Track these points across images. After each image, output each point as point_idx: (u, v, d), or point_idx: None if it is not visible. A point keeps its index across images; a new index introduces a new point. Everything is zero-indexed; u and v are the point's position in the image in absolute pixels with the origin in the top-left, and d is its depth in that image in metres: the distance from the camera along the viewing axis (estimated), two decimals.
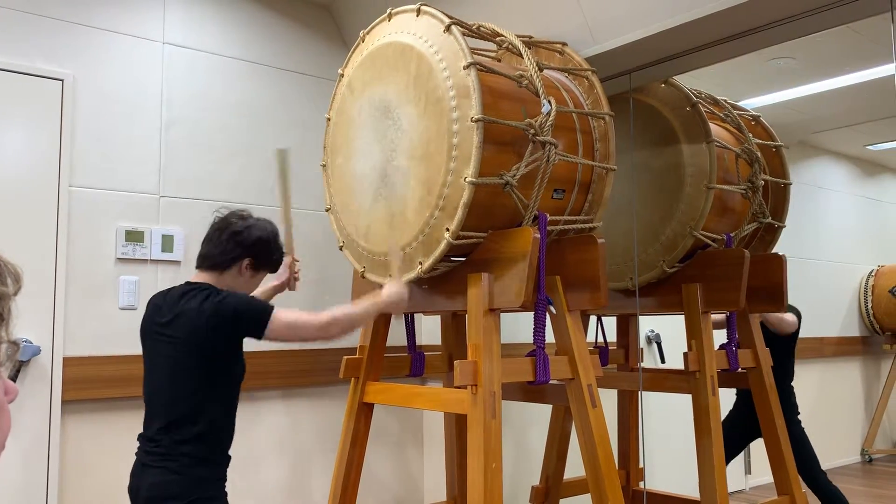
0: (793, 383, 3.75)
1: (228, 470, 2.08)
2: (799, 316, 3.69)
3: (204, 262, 2.10)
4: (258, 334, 1.98)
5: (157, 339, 2.02)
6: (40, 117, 2.82)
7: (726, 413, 3.86)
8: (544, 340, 2.34)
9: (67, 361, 2.81)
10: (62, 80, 2.87)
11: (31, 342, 2.72)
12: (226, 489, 2.06)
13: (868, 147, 3.68)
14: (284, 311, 2.00)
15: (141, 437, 2.03)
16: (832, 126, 3.66)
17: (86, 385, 2.83)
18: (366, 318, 2.17)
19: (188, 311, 1.96)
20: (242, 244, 2.09)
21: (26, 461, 2.70)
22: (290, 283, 2.57)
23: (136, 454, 2.02)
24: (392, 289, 2.24)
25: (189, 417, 1.95)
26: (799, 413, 3.67)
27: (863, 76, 3.11)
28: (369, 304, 2.16)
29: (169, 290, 2.09)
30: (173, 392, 1.97)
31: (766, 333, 3.63)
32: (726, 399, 3.24)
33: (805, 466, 3.54)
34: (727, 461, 3.79)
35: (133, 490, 1.99)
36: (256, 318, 1.97)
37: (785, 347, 3.69)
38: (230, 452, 2.09)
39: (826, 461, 3.61)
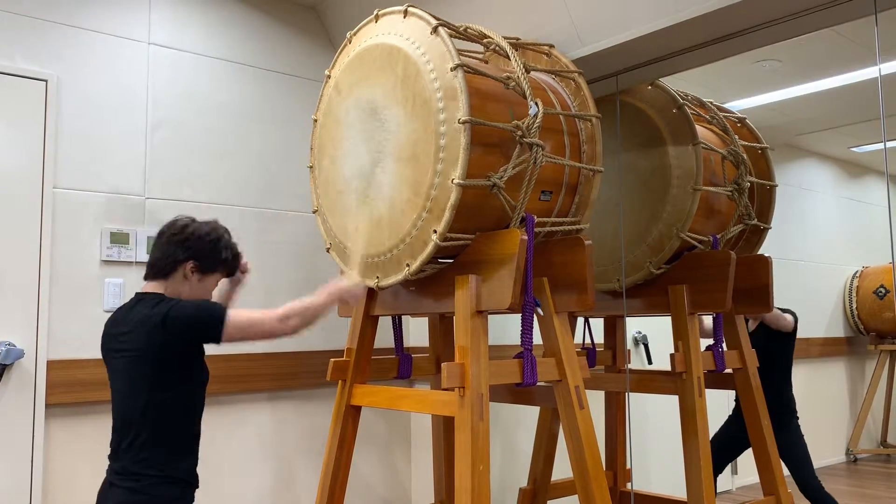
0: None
1: (216, 474, 2.05)
2: (795, 318, 3.71)
3: (150, 270, 2.03)
4: (215, 338, 1.92)
5: (114, 355, 1.96)
6: (24, 118, 2.79)
7: (713, 413, 3.88)
8: (532, 342, 2.34)
9: (51, 365, 2.78)
10: (46, 81, 2.85)
11: (14, 345, 2.69)
12: None
13: (852, 149, 3.71)
14: (238, 312, 1.94)
15: (109, 457, 1.97)
16: (817, 128, 3.68)
17: (70, 388, 2.81)
18: (326, 308, 2.09)
19: (139, 322, 1.90)
20: (181, 246, 2.01)
21: (10, 466, 2.67)
22: (238, 277, 2.36)
23: (107, 472, 1.97)
24: (353, 280, 2.27)
25: (150, 432, 1.90)
26: (798, 417, 3.68)
27: (847, 79, 3.13)
28: (329, 293, 2.12)
29: (121, 307, 2.03)
30: (133, 407, 1.90)
31: (766, 337, 3.65)
32: (713, 400, 3.25)
33: (800, 472, 3.55)
34: (718, 471, 3.81)
35: None
36: (209, 322, 1.90)
37: (788, 350, 3.71)
38: (198, 472, 2.04)
39: (812, 461, 3.63)
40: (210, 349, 3.11)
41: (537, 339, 2.38)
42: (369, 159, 2.39)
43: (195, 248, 2.03)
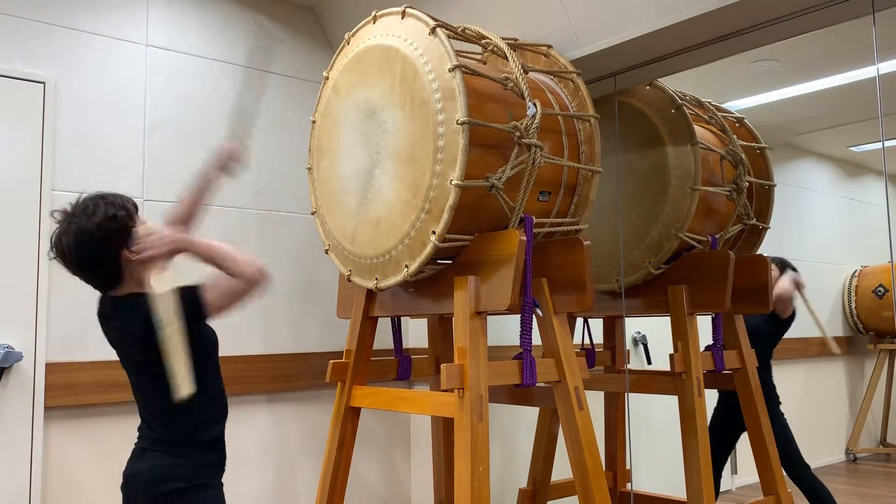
0: (774, 381, 3.80)
1: None
2: (794, 312, 3.73)
3: (104, 288, 1.95)
4: (203, 318, 1.92)
5: (127, 350, 1.96)
6: (22, 120, 2.79)
7: (712, 413, 3.88)
8: (531, 343, 2.34)
9: (50, 367, 2.78)
10: (44, 83, 2.85)
11: (12, 348, 2.69)
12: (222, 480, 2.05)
13: (851, 148, 3.71)
14: (209, 286, 1.90)
15: (140, 426, 2.02)
16: (815, 127, 3.68)
17: (69, 391, 2.81)
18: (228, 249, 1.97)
19: (133, 322, 1.90)
20: (102, 254, 1.86)
21: (9, 468, 2.67)
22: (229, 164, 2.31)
23: (136, 443, 2.01)
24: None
25: (188, 403, 1.92)
26: (780, 403, 3.71)
27: (845, 78, 3.13)
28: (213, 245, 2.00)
29: (108, 306, 1.98)
30: (161, 388, 1.93)
31: (755, 322, 3.66)
32: (712, 400, 3.25)
33: (788, 460, 3.57)
34: (720, 467, 3.81)
35: (130, 476, 1.94)
36: (194, 307, 1.89)
37: (775, 338, 3.73)
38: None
39: (811, 460, 3.63)
40: None
41: (536, 339, 2.37)
42: (368, 160, 2.39)
43: (109, 243, 1.87)
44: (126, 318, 1.92)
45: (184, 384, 1.83)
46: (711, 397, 3.14)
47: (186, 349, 1.87)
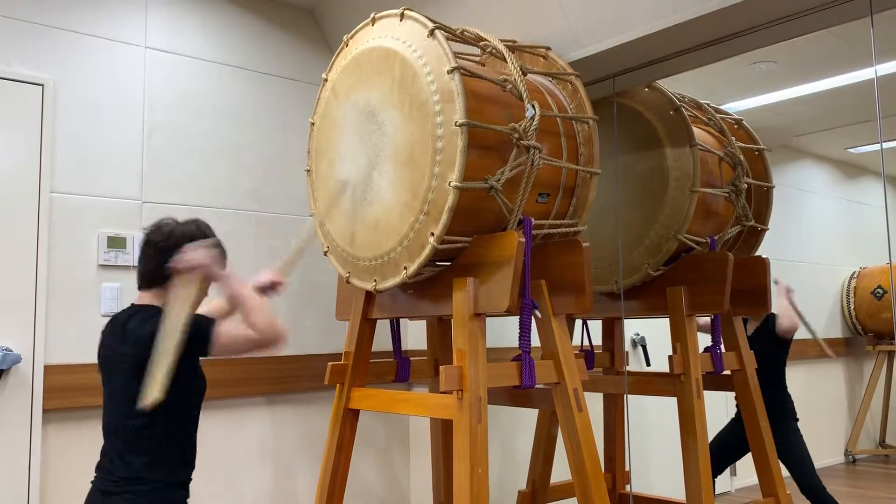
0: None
1: (215, 478, 2.05)
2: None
3: (143, 281, 2.01)
4: (204, 352, 1.92)
5: (111, 364, 1.96)
6: (20, 122, 2.79)
7: (711, 415, 3.88)
8: (530, 344, 2.34)
9: (48, 370, 2.77)
10: (43, 85, 2.85)
11: (11, 350, 2.69)
12: None
13: (849, 150, 3.71)
14: (225, 326, 1.93)
15: (100, 465, 1.95)
16: (814, 129, 3.68)
17: (67, 393, 2.80)
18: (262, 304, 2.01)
19: (134, 336, 1.90)
20: (171, 253, 1.97)
21: (7, 471, 2.66)
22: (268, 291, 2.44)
23: (93, 482, 1.94)
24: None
25: (152, 440, 1.90)
26: (798, 419, 3.70)
27: (844, 80, 3.14)
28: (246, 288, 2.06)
29: (116, 315, 2.02)
30: (133, 416, 1.89)
31: (766, 340, 3.65)
32: (711, 402, 3.25)
33: (807, 474, 3.55)
34: (719, 472, 3.80)
35: None
36: (201, 336, 1.90)
37: (786, 351, 3.73)
38: (193, 473, 2.04)
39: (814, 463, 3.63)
40: None
41: (535, 341, 2.37)
42: (367, 162, 2.39)
43: (165, 251, 1.97)
44: (140, 323, 1.91)
45: (154, 390, 1.81)
46: (711, 399, 3.14)
47: (172, 364, 1.85)
